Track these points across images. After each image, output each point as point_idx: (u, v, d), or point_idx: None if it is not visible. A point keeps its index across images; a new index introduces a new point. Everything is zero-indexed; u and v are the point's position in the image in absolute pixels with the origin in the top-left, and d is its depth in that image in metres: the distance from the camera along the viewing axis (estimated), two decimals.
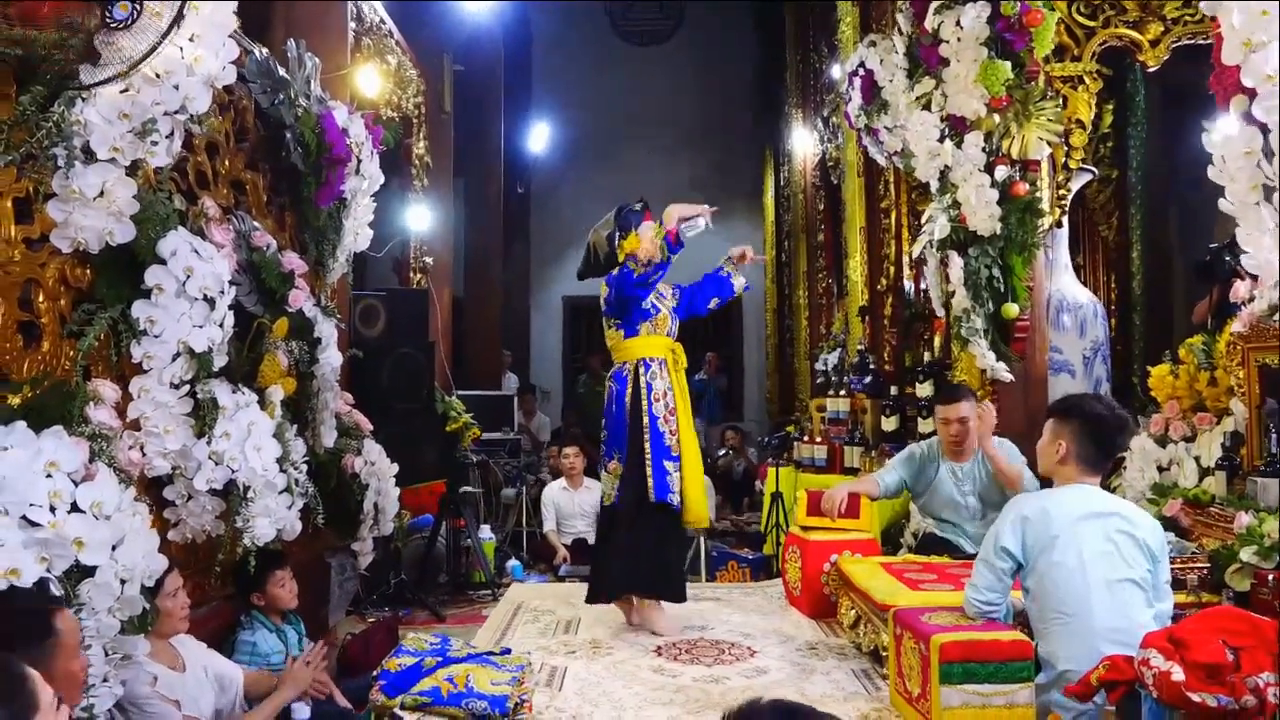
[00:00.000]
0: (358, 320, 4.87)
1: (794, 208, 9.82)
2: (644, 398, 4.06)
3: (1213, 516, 3.60)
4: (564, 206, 11.99)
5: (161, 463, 2.58)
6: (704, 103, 11.99)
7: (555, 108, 11.69)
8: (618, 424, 4.11)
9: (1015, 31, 4.18)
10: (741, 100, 11.94)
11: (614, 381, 4.18)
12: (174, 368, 2.58)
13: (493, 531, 6.13)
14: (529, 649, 3.85)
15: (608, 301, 4.21)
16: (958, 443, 4.15)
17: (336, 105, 3.82)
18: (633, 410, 4.07)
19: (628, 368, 4.15)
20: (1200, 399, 4.09)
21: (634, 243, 4.05)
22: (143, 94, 2.39)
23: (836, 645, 3.92)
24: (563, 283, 12.20)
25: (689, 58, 12.02)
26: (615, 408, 4.13)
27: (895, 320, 6.47)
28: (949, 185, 4.43)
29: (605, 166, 11.59)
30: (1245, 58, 2.18)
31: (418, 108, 6.66)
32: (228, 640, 3.14)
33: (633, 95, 11.82)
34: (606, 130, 11.78)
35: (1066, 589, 2.60)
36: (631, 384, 4.10)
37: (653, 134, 11.77)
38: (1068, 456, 2.73)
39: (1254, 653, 2.20)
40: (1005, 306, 4.33)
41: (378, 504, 3.98)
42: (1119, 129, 6.53)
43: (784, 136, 10.25)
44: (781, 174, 10.68)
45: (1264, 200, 2.25)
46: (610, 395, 4.17)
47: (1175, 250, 6.79)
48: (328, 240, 3.87)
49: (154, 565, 2.28)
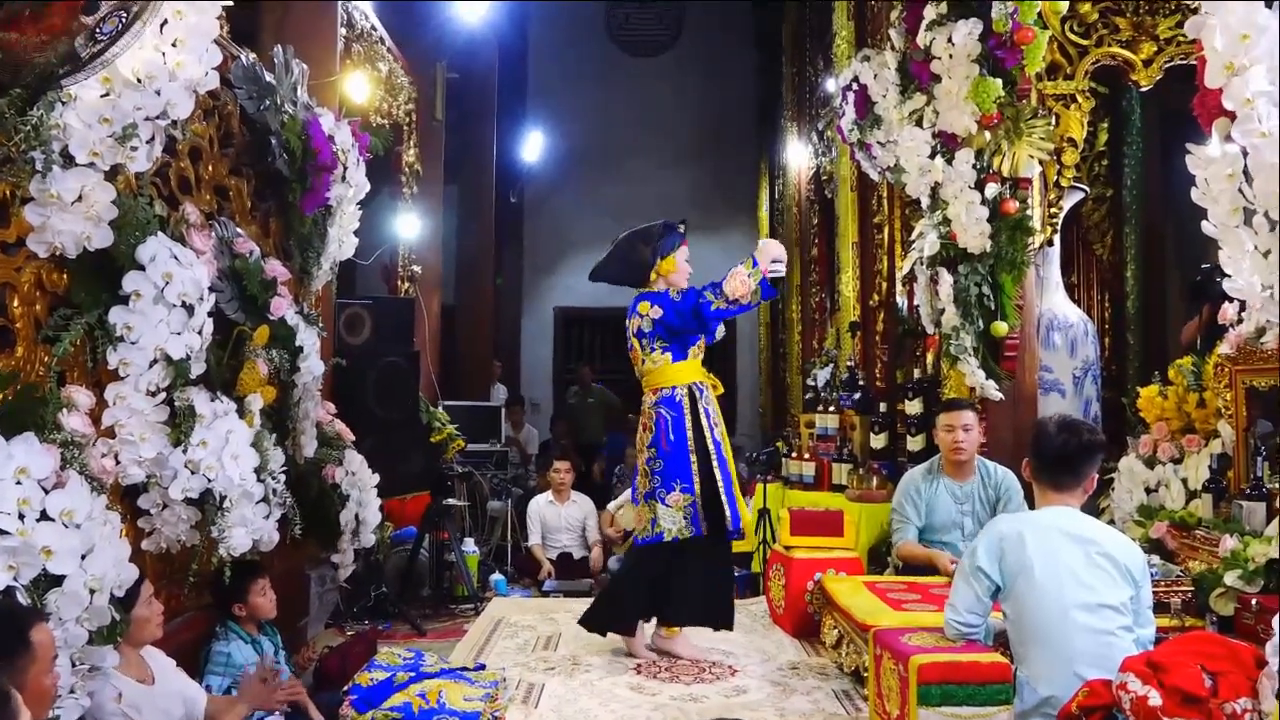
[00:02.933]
0: (342, 328, 4.88)
1: (788, 221, 9.86)
2: (705, 424, 3.94)
3: (1198, 539, 3.61)
4: (557, 216, 12.03)
5: (136, 471, 2.58)
6: (701, 114, 12.04)
7: (550, 117, 11.72)
8: (680, 453, 3.92)
9: (1007, 49, 4.21)
10: (739, 112, 12.00)
11: (667, 409, 3.96)
12: (151, 374, 2.59)
13: (478, 545, 6.13)
14: (507, 665, 3.86)
15: (657, 323, 3.99)
16: (959, 451, 4.17)
17: (323, 111, 3.84)
18: (695, 438, 3.93)
19: (680, 393, 3.98)
20: (1189, 420, 4.11)
21: (670, 266, 4.04)
22: (123, 98, 2.41)
23: (818, 665, 3.93)
24: (555, 293, 12.23)
25: (687, 68, 12.06)
26: (675, 435, 3.93)
27: (887, 336, 6.49)
28: (940, 202, 4.45)
29: (600, 177, 11.64)
30: (1227, 81, 2.22)
31: (409, 115, 6.69)
32: (201, 652, 3.14)
33: (629, 106, 11.87)
34: (602, 140, 11.82)
35: (1045, 614, 2.61)
36: (690, 410, 3.95)
37: (648, 145, 11.81)
38: (1033, 475, 2.80)
39: (1232, 678, 2.22)
40: (995, 324, 4.34)
41: (358, 515, 3.98)
42: (1114, 148, 6.56)
43: (779, 149, 10.31)
44: (776, 187, 10.74)
45: (1244, 223, 2.28)
46: (664, 423, 3.95)
47: (1170, 270, 6.83)
48: (312, 247, 3.88)
49: (124, 575, 2.28)
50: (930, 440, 4.86)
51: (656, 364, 4.01)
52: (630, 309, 4.09)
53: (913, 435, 5.25)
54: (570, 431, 9.82)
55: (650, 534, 3.94)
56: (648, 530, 3.96)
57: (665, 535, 3.91)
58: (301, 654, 3.78)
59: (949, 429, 4.20)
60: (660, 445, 3.93)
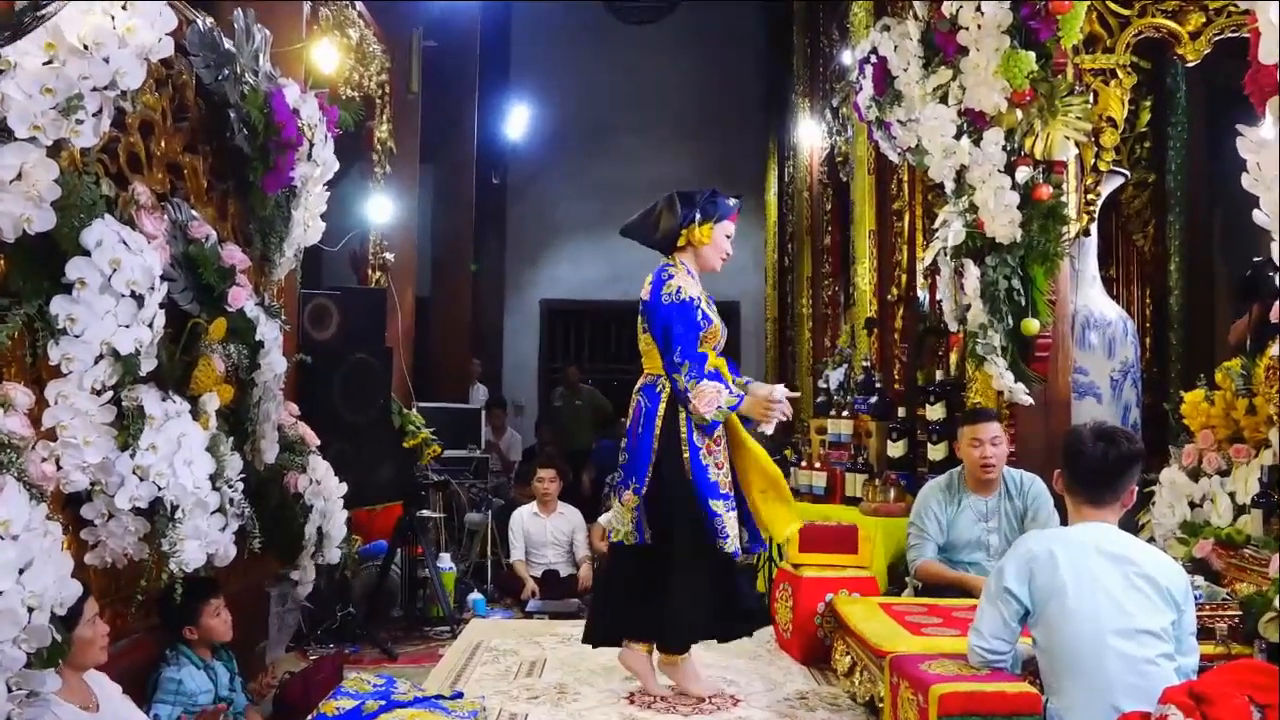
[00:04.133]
0: (307, 322, 4.88)
1: (798, 207, 9.88)
2: (681, 422, 3.75)
3: (1247, 559, 3.63)
4: (544, 200, 12.04)
5: (80, 477, 2.58)
6: (704, 88, 12.05)
7: (537, 91, 11.73)
8: (643, 448, 3.78)
9: (1041, 19, 4.22)
10: (745, 87, 12.01)
11: (645, 397, 3.84)
12: (96, 371, 2.59)
13: (455, 561, 6.14)
14: (486, 693, 3.86)
15: (644, 303, 3.91)
16: (988, 468, 4.18)
17: (288, 83, 3.84)
18: (666, 434, 3.75)
19: (662, 382, 3.81)
20: (1237, 429, 4.13)
21: (705, 236, 3.87)
22: (68, 66, 2.41)
23: (829, 695, 3.94)
24: (540, 284, 12.24)
25: (687, 38, 12.04)
26: (644, 428, 3.79)
27: (906, 334, 6.51)
28: (965, 187, 4.46)
29: (592, 157, 11.65)
30: None
31: (381, 87, 6.70)
32: (149, 678, 3.14)
33: (624, 79, 11.87)
34: (594, 117, 11.83)
35: (1079, 641, 2.62)
36: (668, 403, 3.77)
37: (644, 122, 11.83)
38: (1066, 489, 2.81)
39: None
40: (1025, 322, 4.35)
41: (322, 528, 3.99)
42: (1157, 129, 6.57)
43: (789, 128, 10.33)
44: (786, 169, 10.75)
45: None
46: (639, 412, 3.83)
47: (1218, 264, 6.85)
48: (274, 232, 3.88)
49: (66, 592, 2.28)
50: (953, 449, 4.88)
51: (649, 346, 3.89)
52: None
53: (934, 444, 5.26)
54: (556, 437, 9.83)
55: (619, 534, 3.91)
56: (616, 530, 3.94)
57: (613, 535, 3.90)
58: (260, 680, 3.79)
59: (975, 443, 4.22)
60: (631, 437, 3.85)
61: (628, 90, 11.88)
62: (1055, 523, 3.96)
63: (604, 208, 10.56)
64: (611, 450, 9.41)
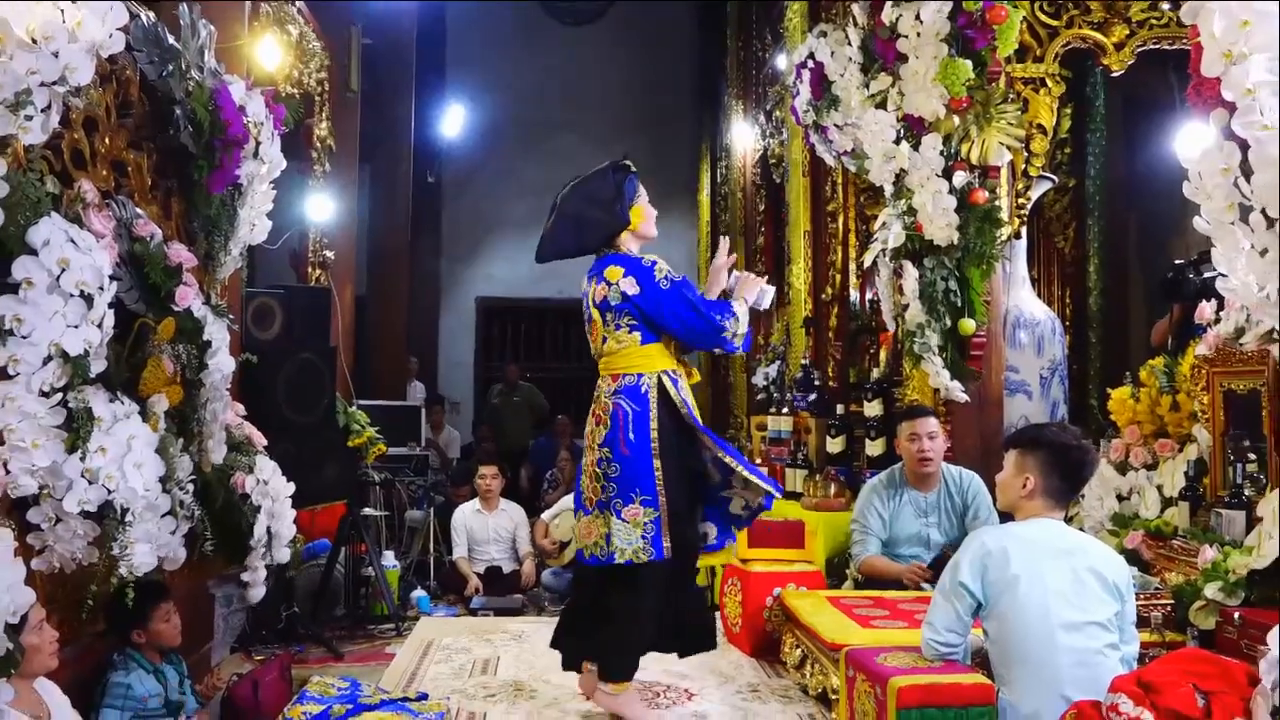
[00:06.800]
0: (250, 321, 4.74)
1: (731, 207, 9.92)
2: (686, 415, 3.49)
3: (1176, 550, 3.73)
4: (480, 198, 11.91)
5: (28, 481, 2.47)
6: (638, 89, 12.02)
7: (473, 89, 11.59)
8: (642, 456, 3.40)
9: (978, 28, 4.28)
10: (679, 88, 12.02)
11: (630, 401, 3.44)
12: (44, 373, 2.48)
13: (396, 558, 6.04)
14: (444, 693, 3.80)
15: (630, 299, 3.46)
16: (925, 461, 4.23)
17: (233, 79, 3.72)
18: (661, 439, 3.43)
19: (647, 382, 3.47)
20: (1162, 424, 4.24)
21: (639, 216, 3.61)
22: (16, 60, 2.30)
23: (780, 687, 3.95)
24: (475, 282, 12.11)
25: (622, 38, 12.02)
26: (637, 435, 3.41)
27: (841, 333, 6.57)
28: (904, 190, 4.51)
29: (527, 155, 11.54)
30: (1225, 70, 2.27)
31: (321, 84, 6.55)
32: (98, 683, 3.03)
33: (560, 78, 11.80)
34: (529, 116, 11.74)
35: (1029, 633, 2.66)
36: (658, 405, 3.46)
37: (579, 121, 11.74)
38: (1035, 491, 2.79)
39: (1225, 698, 2.29)
40: (962, 322, 4.41)
41: (271, 528, 3.87)
42: (1077, 135, 6.72)
43: (723, 129, 10.36)
44: (719, 170, 10.78)
45: (1240, 220, 2.34)
46: (623, 418, 3.42)
47: (1134, 265, 7.04)
48: (220, 231, 3.75)
49: (19, 599, 2.19)
50: (891, 445, 4.93)
51: (621, 344, 3.49)
52: (592, 272, 3.60)
53: (872, 439, 5.32)
54: (492, 435, 9.74)
55: (604, 552, 3.41)
56: (600, 546, 3.43)
57: (618, 556, 3.36)
58: (206, 683, 3.68)
59: (913, 438, 4.27)
60: (617, 446, 3.40)
61: (563, 89, 11.82)
62: (996, 518, 4.02)
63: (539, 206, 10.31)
64: (548, 448, 9.39)
